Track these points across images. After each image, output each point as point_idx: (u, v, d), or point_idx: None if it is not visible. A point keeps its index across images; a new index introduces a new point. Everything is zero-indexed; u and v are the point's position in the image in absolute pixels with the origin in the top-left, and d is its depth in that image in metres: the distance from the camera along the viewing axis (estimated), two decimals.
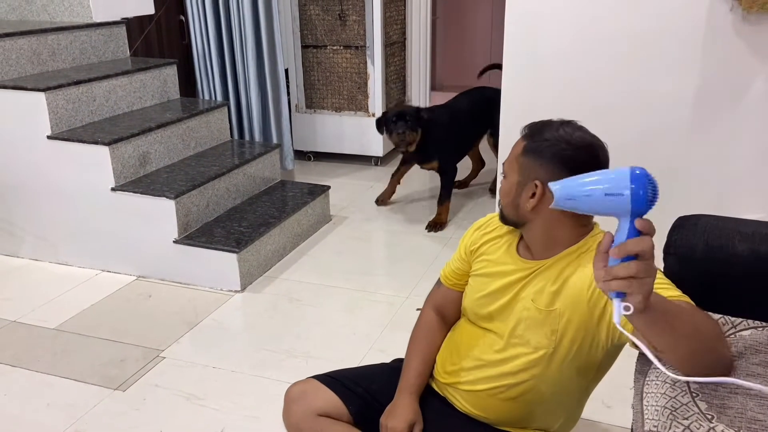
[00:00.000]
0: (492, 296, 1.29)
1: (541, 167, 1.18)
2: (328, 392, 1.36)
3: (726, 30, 2.17)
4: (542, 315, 1.20)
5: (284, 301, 2.57)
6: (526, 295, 1.24)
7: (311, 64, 4.18)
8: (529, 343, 1.23)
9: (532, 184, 1.19)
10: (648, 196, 0.82)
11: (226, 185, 2.97)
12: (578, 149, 1.17)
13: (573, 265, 1.19)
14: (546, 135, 1.19)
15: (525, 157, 1.20)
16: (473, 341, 1.33)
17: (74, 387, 2.05)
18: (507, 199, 1.25)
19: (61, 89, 2.71)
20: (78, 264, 2.86)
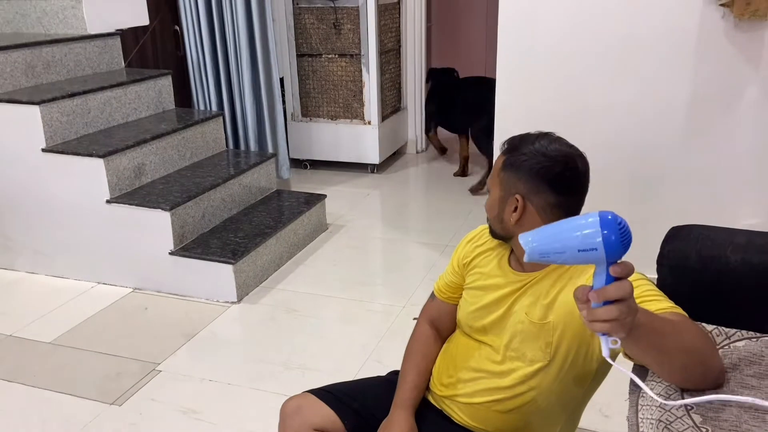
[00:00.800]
0: (486, 309, 1.29)
1: (520, 181, 1.20)
2: (323, 407, 1.35)
3: (718, 37, 2.18)
4: (536, 328, 1.20)
5: (281, 311, 2.56)
6: (519, 309, 1.24)
7: (306, 73, 4.18)
8: (525, 356, 1.23)
9: (513, 198, 1.21)
10: (621, 244, 0.80)
11: (222, 196, 2.97)
12: (555, 161, 1.19)
13: (564, 277, 1.19)
14: (523, 149, 1.21)
15: (505, 172, 1.23)
16: (469, 353, 1.33)
17: (70, 402, 2.04)
18: (492, 213, 1.27)
19: (55, 102, 2.71)
20: (74, 276, 2.85)
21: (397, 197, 3.94)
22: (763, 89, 2.19)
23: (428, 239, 3.21)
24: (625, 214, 2.81)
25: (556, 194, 1.19)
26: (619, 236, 0.80)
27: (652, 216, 2.43)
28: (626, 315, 0.82)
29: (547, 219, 1.19)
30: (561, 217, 1.15)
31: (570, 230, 0.82)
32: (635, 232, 2.94)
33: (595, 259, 0.81)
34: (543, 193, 1.19)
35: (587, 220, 0.81)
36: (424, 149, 4.82)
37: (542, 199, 1.19)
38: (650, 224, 2.43)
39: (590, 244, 0.80)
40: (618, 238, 0.80)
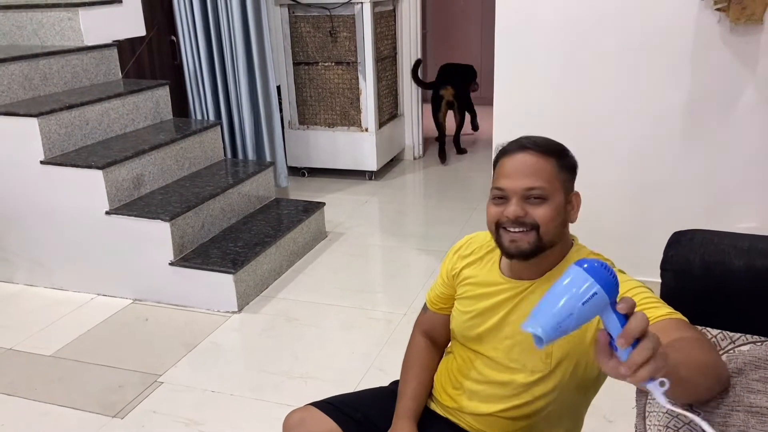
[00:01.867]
0: (479, 318, 1.29)
1: (572, 179, 1.26)
2: (326, 420, 1.35)
3: (714, 41, 2.19)
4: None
5: (282, 321, 2.56)
6: (517, 319, 1.23)
7: (303, 81, 4.19)
8: (526, 366, 1.23)
9: (572, 195, 1.25)
10: (614, 278, 0.80)
11: (221, 205, 2.96)
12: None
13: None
14: (563, 149, 1.27)
15: (564, 174, 1.24)
16: (469, 365, 1.32)
17: (72, 415, 2.03)
18: (554, 223, 1.21)
19: (53, 114, 2.71)
20: (73, 288, 2.84)
21: (395, 204, 3.94)
22: (760, 93, 2.20)
23: (427, 246, 3.21)
24: (622, 217, 2.81)
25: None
26: (607, 272, 0.80)
27: (649, 220, 2.44)
28: (656, 345, 0.78)
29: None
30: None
31: (563, 293, 0.81)
32: (634, 236, 2.97)
33: (600, 304, 0.79)
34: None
35: (571, 277, 0.81)
36: (422, 155, 4.83)
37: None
38: (649, 228, 2.45)
39: (588, 292, 0.79)
40: (608, 274, 0.79)
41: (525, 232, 1.20)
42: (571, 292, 0.80)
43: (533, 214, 1.19)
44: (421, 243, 3.27)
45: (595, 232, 2.53)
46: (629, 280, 1.17)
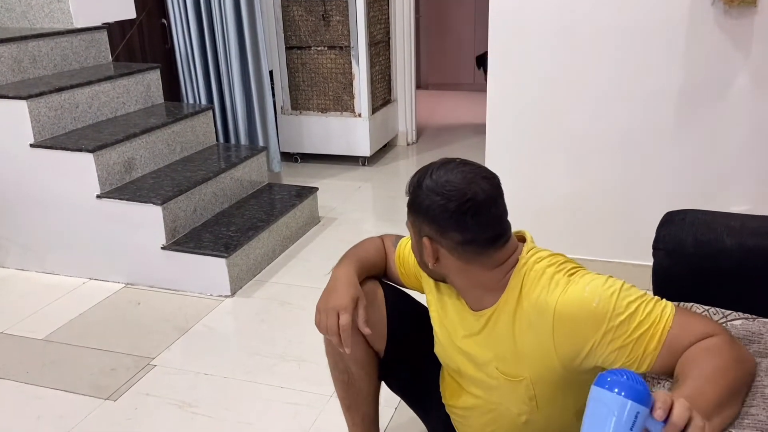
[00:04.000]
0: (455, 353, 1.25)
1: (424, 223, 1.12)
2: None
3: (708, 24, 2.19)
4: (513, 384, 1.16)
5: (275, 304, 2.56)
6: (488, 361, 1.19)
7: (296, 66, 4.16)
8: (510, 410, 1.20)
9: (423, 241, 1.14)
10: (641, 386, 0.76)
11: (213, 190, 2.95)
12: (449, 198, 1.08)
13: (522, 319, 1.11)
14: (419, 189, 1.12)
15: (410, 215, 1.15)
16: (458, 393, 1.32)
17: (65, 398, 2.02)
18: (417, 257, 1.22)
19: (43, 97, 2.68)
20: (65, 273, 2.82)
21: (388, 190, 3.93)
22: (753, 76, 2.20)
23: None
24: (617, 200, 2.81)
25: (460, 232, 1.09)
26: (634, 382, 0.75)
27: (643, 202, 2.44)
28: (701, 427, 0.76)
29: (464, 257, 1.12)
30: (476, 253, 1.10)
31: (605, 426, 0.75)
32: (626, 219, 2.97)
33: (644, 418, 0.75)
34: (447, 233, 1.10)
35: (607, 405, 0.75)
36: (415, 141, 4.82)
37: (449, 239, 1.10)
38: (642, 210, 2.45)
39: (632, 416, 0.74)
40: (636, 385, 0.75)
41: None
42: (614, 425, 0.74)
43: None
44: None
45: (588, 215, 2.54)
46: (607, 290, 1.05)
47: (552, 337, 1.07)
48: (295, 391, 2.01)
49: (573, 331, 1.04)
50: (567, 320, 1.05)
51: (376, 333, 1.36)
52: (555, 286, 1.07)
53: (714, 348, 0.96)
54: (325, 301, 1.29)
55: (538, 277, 1.10)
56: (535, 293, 1.09)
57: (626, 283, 1.06)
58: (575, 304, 1.04)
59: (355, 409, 1.49)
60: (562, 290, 1.06)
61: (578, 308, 1.04)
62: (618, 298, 1.02)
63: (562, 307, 1.05)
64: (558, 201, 2.52)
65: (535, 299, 1.09)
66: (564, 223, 2.52)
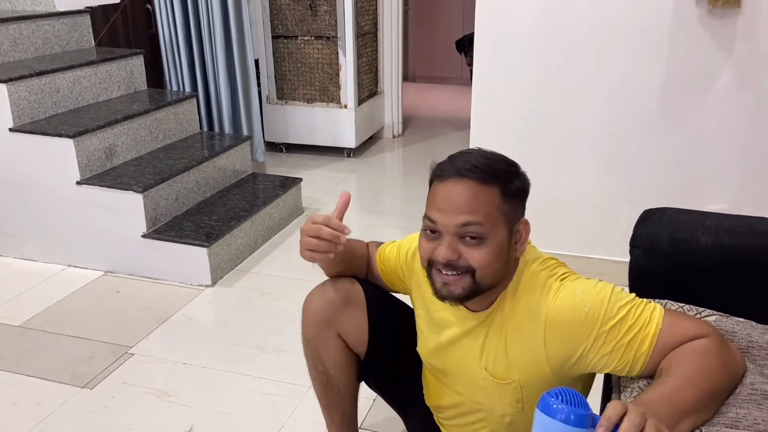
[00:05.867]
0: (442, 351, 1.23)
1: (521, 205, 1.10)
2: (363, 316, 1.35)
3: (692, 23, 2.20)
4: (501, 387, 1.15)
5: (256, 295, 2.55)
6: (476, 361, 1.17)
7: (282, 55, 4.13)
8: (495, 411, 1.20)
9: (519, 226, 1.08)
10: (581, 412, 0.77)
11: (196, 178, 2.93)
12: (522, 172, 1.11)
13: (514, 322, 1.10)
14: (511, 167, 1.09)
15: (510, 202, 1.06)
16: (441, 393, 1.31)
17: (41, 385, 2.00)
18: (495, 266, 1.06)
19: (23, 80, 2.64)
20: (43, 259, 2.79)
21: (373, 182, 3.93)
22: (735, 76, 2.22)
23: (406, 224, 3.21)
24: (597, 196, 2.82)
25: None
26: (576, 407, 0.77)
27: (623, 199, 2.46)
28: (640, 421, 0.75)
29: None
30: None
31: None
32: (604, 215, 2.98)
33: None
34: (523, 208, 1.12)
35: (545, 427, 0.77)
36: (401, 134, 4.81)
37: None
38: (622, 207, 2.47)
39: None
40: (577, 409, 0.77)
41: (458, 275, 1.05)
42: None
43: (468, 256, 1.03)
44: (400, 221, 3.27)
45: (568, 210, 2.55)
46: (600, 294, 1.04)
47: (543, 342, 1.07)
48: (274, 381, 2.01)
49: (564, 336, 1.05)
50: (558, 325, 1.05)
51: (356, 336, 1.35)
52: (547, 291, 1.07)
53: (701, 350, 0.96)
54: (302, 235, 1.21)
55: (532, 281, 1.10)
56: (528, 297, 1.09)
57: (617, 287, 1.06)
58: (567, 309, 1.04)
59: (334, 408, 1.47)
60: (554, 295, 1.06)
61: (570, 313, 1.04)
62: (609, 302, 1.03)
63: (554, 312, 1.05)
64: (539, 196, 2.52)
65: (527, 304, 1.09)
66: (544, 219, 2.53)
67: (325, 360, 1.39)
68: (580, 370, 1.08)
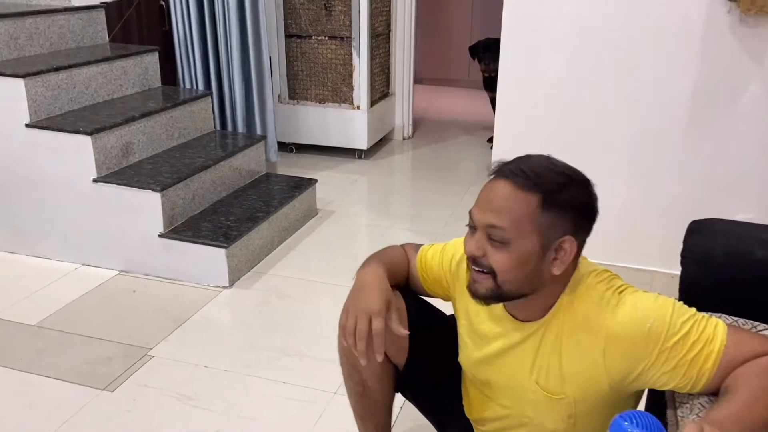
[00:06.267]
0: (488, 363, 1.20)
1: (569, 220, 1.03)
2: None
3: (723, 32, 2.19)
4: (553, 402, 1.12)
5: (274, 297, 2.51)
6: (527, 375, 1.14)
7: (295, 54, 4.10)
8: (544, 426, 1.17)
9: (561, 241, 1.03)
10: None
11: (212, 177, 2.89)
12: (589, 184, 1.07)
13: (570, 336, 1.07)
14: (558, 179, 1.03)
15: (548, 214, 1.01)
16: (484, 406, 1.28)
17: (58, 386, 1.97)
18: (522, 271, 1.02)
19: (40, 75, 2.60)
20: (56, 258, 2.75)
21: (386, 184, 3.90)
22: (765, 85, 2.21)
23: (421, 228, 3.19)
24: (623, 205, 2.80)
25: (591, 226, 1.07)
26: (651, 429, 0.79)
27: (646, 208, 2.44)
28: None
29: (576, 257, 1.07)
30: (581, 250, 1.06)
31: None
32: (631, 224, 2.95)
33: None
34: (586, 228, 1.07)
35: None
36: (411, 136, 4.78)
37: (585, 235, 1.07)
38: (645, 217, 2.45)
39: None
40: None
41: (483, 273, 1.04)
42: None
43: (490, 257, 1.02)
44: (415, 224, 3.24)
45: None
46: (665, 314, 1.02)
47: (603, 357, 1.04)
48: (297, 386, 1.98)
49: (625, 352, 1.02)
50: (620, 340, 1.02)
51: (397, 347, 1.31)
52: (606, 305, 1.04)
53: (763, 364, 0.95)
54: (355, 303, 1.19)
55: (588, 293, 1.07)
56: (586, 311, 1.06)
57: (677, 301, 1.04)
58: (628, 324, 1.02)
59: (369, 419, 1.44)
60: (613, 309, 1.04)
61: (631, 328, 1.01)
62: (672, 317, 1.01)
63: (614, 326, 1.03)
64: None
65: (585, 318, 1.06)
66: None
67: (362, 370, 1.35)
68: (638, 386, 1.06)
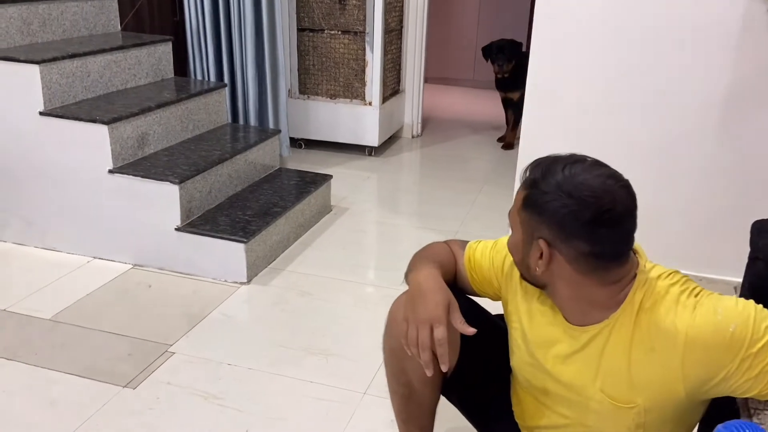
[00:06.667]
0: (544, 371, 1.15)
1: (543, 225, 1.01)
2: None
3: (760, 32, 2.15)
4: (621, 411, 1.07)
5: (294, 294, 2.45)
6: (589, 381, 1.09)
7: (307, 49, 4.04)
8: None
9: (537, 243, 1.02)
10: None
11: (228, 171, 2.83)
12: (585, 204, 0.97)
13: (641, 342, 1.02)
14: (546, 185, 1.00)
15: (525, 212, 1.04)
16: (538, 413, 1.22)
17: (79, 383, 1.90)
18: (516, 257, 1.12)
19: (55, 62, 2.53)
20: (67, 250, 2.68)
21: (398, 182, 3.85)
22: None
23: (436, 226, 3.14)
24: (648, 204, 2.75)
25: (590, 243, 0.99)
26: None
27: (672, 210, 2.41)
28: None
29: (580, 269, 1.01)
30: (598, 266, 1.00)
31: None
32: (656, 225, 2.88)
33: None
34: (573, 241, 0.99)
35: None
36: (419, 134, 4.73)
37: (572, 248, 1.00)
38: (670, 219, 2.42)
39: None
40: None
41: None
42: None
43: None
44: (430, 223, 3.19)
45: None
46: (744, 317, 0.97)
47: (681, 363, 0.99)
48: (325, 386, 1.92)
49: (706, 358, 0.98)
50: (700, 346, 0.97)
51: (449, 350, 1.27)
52: (683, 309, 1.00)
53: None
54: (414, 311, 1.12)
55: (662, 297, 1.02)
56: (660, 315, 1.01)
57: (758, 305, 0.99)
58: (709, 329, 0.97)
59: (413, 423, 1.39)
60: (691, 313, 0.99)
61: (712, 333, 0.97)
62: (755, 322, 0.96)
63: (694, 332, 0.98)
64: None
65: (660, 322, 1.01)
66: None
67: (410, 373, 1.29)
68: (717, 393, 1.01)
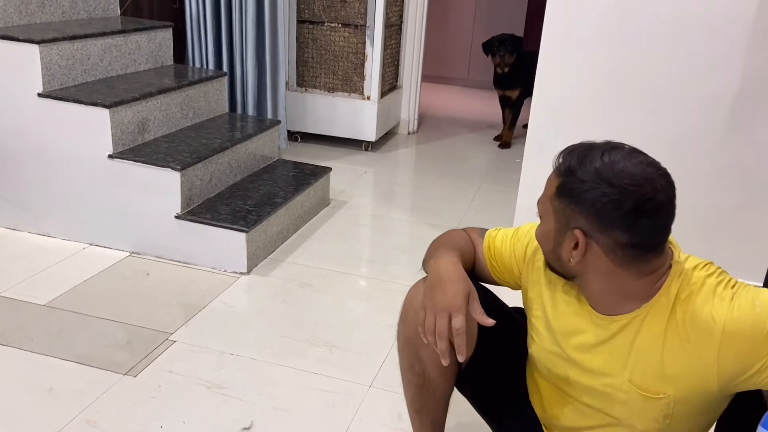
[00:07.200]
0: (567, 360, 1.14)
1: (580, 214, 0.98)
2: None
3: None
4: (649, 402, 1.05)
5: (295, 286, 2.43)
6: (617, 372, 1.07)
7: (306, 41, 4.00)
8: (633, 426, 1.10)
9: (572, 234, 1.00)
10: None
11: (229, 160, 2.79)
12: (626, 193, 0.95)
13: (676, 333, 1.01)
14: (583, 172, 0.97)
15: (560, 201, 1.01)
16: (561, 401, 1.21)
17: (78, 370, 1.85)
18: (546, 247, 1.09)
19: (55, 43, 2.47)
20: (62, 236, 2.62)
21: (395, 177, 3.83)
22: None
23: (436, 221, 3.12)
24: None
25: (629, 234, 0.96)
26: None
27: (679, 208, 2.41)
28: None
29: (617, 260, 0.99)
30: (636, 257, 0.98)
31: None
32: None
33: None
34: (612, 231, 0.97)
35: None
36: (416, 131, 4.72)
37: (610, 238, 0.97)
38: (678, 217, 2.42)
39: None
40: None
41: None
42: None
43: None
44: (429, 218, 3.18)
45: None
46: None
47: (717, 355, 0.98)
48: (330, 378, 1.90)
49: (743, 351, 0.97)
50: (738, 338, 0.97)
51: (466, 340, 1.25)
52: (720, 301, 0.99)
53: None
54: (432, 299, 1.11)
55: (698, 288, 1.01)
56: (696, 306, 1.00)
57: None
58: (747, 322, 0.96)
59: (425, 414, 1.36)
60: (728, 305, 0.98)
61: (750, 327, 0.96)
62: None
63: (732, 324, 0.97)
64: None
65: (696, 313, 1.00)
66: None
67: (425, 361, 1.27)
68: (749, 386, 1.01)
